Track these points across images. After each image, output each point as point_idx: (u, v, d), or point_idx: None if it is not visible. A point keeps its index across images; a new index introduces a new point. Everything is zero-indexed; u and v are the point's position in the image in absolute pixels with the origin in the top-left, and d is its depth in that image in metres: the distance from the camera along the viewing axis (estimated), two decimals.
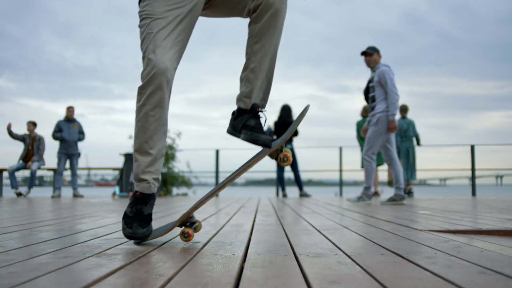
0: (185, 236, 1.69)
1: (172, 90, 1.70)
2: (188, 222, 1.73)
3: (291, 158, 1.70)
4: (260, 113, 1.79)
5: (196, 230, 1.73)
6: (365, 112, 8.27)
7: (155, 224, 2.44)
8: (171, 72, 1.65)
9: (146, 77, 1.62)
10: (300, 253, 1.42)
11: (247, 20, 1.78)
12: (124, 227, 1.72)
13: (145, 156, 1.71)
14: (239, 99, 1.81)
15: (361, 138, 8.15)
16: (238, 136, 1.82)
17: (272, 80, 1.81)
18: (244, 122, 1.77)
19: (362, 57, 5.46)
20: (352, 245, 1.61)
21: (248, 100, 1.78)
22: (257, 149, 1.79)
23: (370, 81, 5.50)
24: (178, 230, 1.75)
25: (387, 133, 5.20)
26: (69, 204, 5.50)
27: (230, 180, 1.75)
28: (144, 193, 1.73)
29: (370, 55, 5.36)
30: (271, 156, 1.74)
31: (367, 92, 5.63)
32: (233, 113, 1.85)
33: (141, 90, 1.66)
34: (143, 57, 1.66)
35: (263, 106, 1.82)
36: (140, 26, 1.72)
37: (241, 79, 1.80)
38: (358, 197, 5.40)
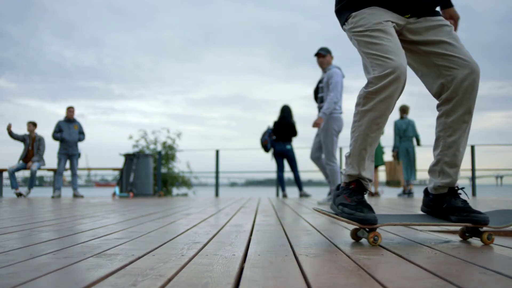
0: (375, 239, 1.59)
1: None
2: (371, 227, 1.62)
3: (493, 238, 1.66)
4: (458, 191, 1.75)
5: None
6: None
7: (159, 231, 2.44)
8: (405, 80, 1.57)
9: (384, 79, 1.54)
10: (300, 253, 1.42)
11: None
12: (350, 212, 1.61)
13: (361, 162, 1.67)
14: (433, 188, 1.77)
15: None
16: (441, 217, 1.75)
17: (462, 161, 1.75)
18: (450, 205, 1.72)
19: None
20: (352, 245, 1.61)
21: (446, 188, 1.75)
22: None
23: (320, 82, 5.59)
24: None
25: (336, 131, 5.26)
26: (69, 204, 5.50)
27: (404, 224, 1.72)
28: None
29: (323, 56, 5.46)
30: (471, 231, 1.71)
31: (316, 92, 5.70)
32: (426, 193, 1.82)
33: (371, 95, 1.58)
34: (376, 59, 1.59)
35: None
36: (363, 35, 1.71)
37: (433, 171, 1.77)
38: (329, 199, 5.50)
